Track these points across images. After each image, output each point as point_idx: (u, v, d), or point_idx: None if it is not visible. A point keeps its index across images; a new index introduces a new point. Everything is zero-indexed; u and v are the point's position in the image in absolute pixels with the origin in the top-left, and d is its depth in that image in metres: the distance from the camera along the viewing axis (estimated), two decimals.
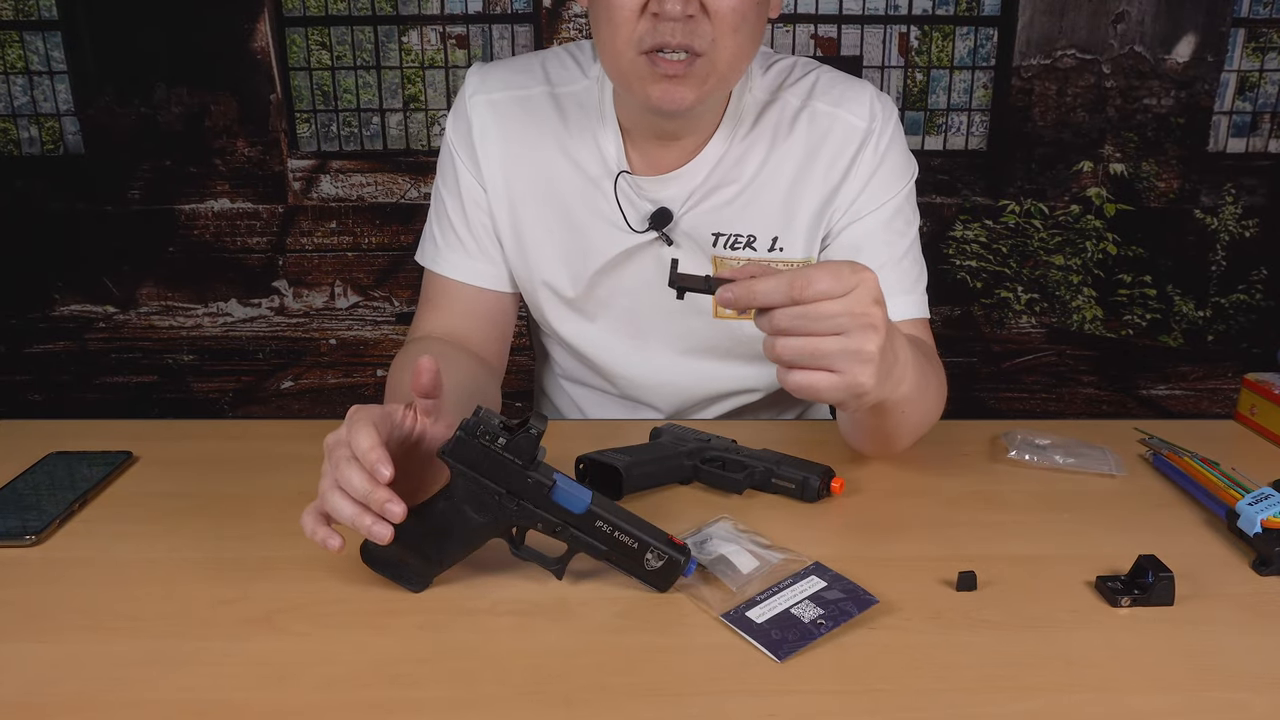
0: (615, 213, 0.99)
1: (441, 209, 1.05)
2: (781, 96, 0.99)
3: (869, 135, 0.98)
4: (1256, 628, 0.69)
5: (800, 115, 0.99)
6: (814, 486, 0.86)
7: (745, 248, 1.00)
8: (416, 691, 0.61)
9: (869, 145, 0.98)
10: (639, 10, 0.83)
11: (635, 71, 0.86)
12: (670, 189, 0.98)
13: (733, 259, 1.01)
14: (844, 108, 0.98)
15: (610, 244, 1.01)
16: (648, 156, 0.98)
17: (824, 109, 0.98)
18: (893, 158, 1.00)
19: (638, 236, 1.00)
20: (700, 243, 1.00)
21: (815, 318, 0.65)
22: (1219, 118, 2.18)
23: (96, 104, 2.13)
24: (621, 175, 0.98)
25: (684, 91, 0.86)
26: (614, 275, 1.03)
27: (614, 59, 0.87)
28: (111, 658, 0.65)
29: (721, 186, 0.99)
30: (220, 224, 2.23)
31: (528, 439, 0.68)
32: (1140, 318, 2.30)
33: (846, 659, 0.65)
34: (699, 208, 0.99)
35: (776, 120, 0.99)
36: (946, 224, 2.20)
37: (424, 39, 2.12)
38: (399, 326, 2.31)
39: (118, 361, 2.32)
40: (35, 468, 0.91)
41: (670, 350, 1.08)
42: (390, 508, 0.65)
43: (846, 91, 0.99)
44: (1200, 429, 1.05)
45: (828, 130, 0.98)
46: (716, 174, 0.98)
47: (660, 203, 0.99)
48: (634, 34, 0.84)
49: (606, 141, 0.99)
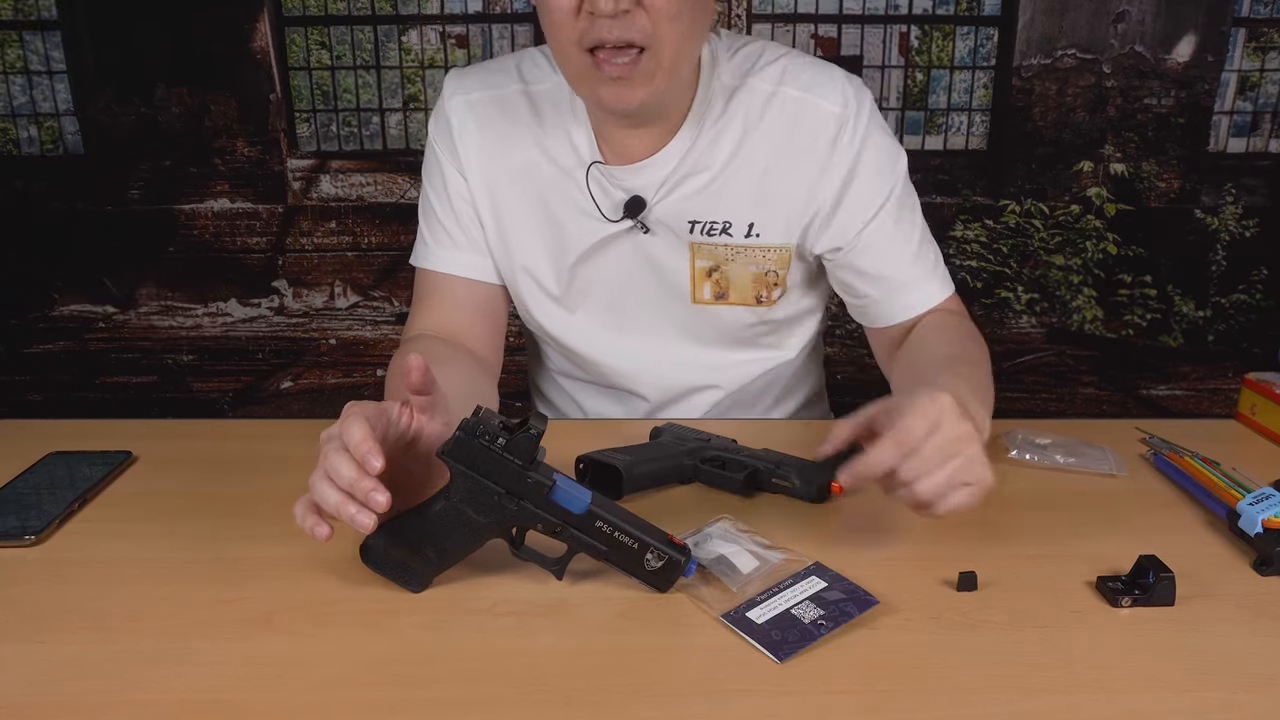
0: (589, 202, 1.00)
1: (429, 208, 1.07)
2: (750, 82, 0.99)
3: (844, 121, 0.98)
4: (1257, 628, 0.69)
5: (771, 101, 0.98)
6: (814, 486, 0.85)
7: (721, 234, 1.01)
8: (416, 691, 0.61)
9: (845, 131, 0.98)
10: (575, 10, 0.84)
11: (583, 73, 0.88)
12: (642, 177, 0.99)
13: (710, 245, 1.02)
14: (815, 93, 0.98)
15: (586, 234, 1.02)
16: (618, 146, 1.00)
17: (794, 94, 0.98)
18: (876, 145, 1.00)
19: (613, 225, 1.01)
20: (676, 230, 1.02)
21: (929, 458, 0.71)
22: (1219, 118, 2.18)
23: (96, 104, 2.13)
24: (594, 165, 1.00)
25: (632, 91, 0.87)
26: (592, 265, 1.05)
27: (563, 62, 0.89)
28: (111, 658, 0.64)
29: (694, 174, 0.99)
30: (220, 224, 2.23)
31: (527, 439, 0.68)
32: (1140, 318, 2.30)
33: (847, 659, 0.65)
34: (672, 195, 1.00)
35: (746, 106, 0.99)
36: (946, 224, 2.20)
37: (424, 39, 2.12)
38: (399, 326, 2.31)
39: (117, 361, 2.32)
40: (35, 468, 0.91)
41: (652, 338, 1.09)
42: (375, 496, 0.65)
43: (816, 76, 0.99)
44: (1201, 429, 1.05)
45: (800, 117, 0.98)
46: (688, 161, 0.99)
47: (633, 191, 1.00)
48: (574, 33, 0.85)
49: (578, 134, 1.00)
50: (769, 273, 1.04)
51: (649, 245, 1.03)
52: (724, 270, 1.04)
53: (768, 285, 1.05)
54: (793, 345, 1.14)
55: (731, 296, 1.05)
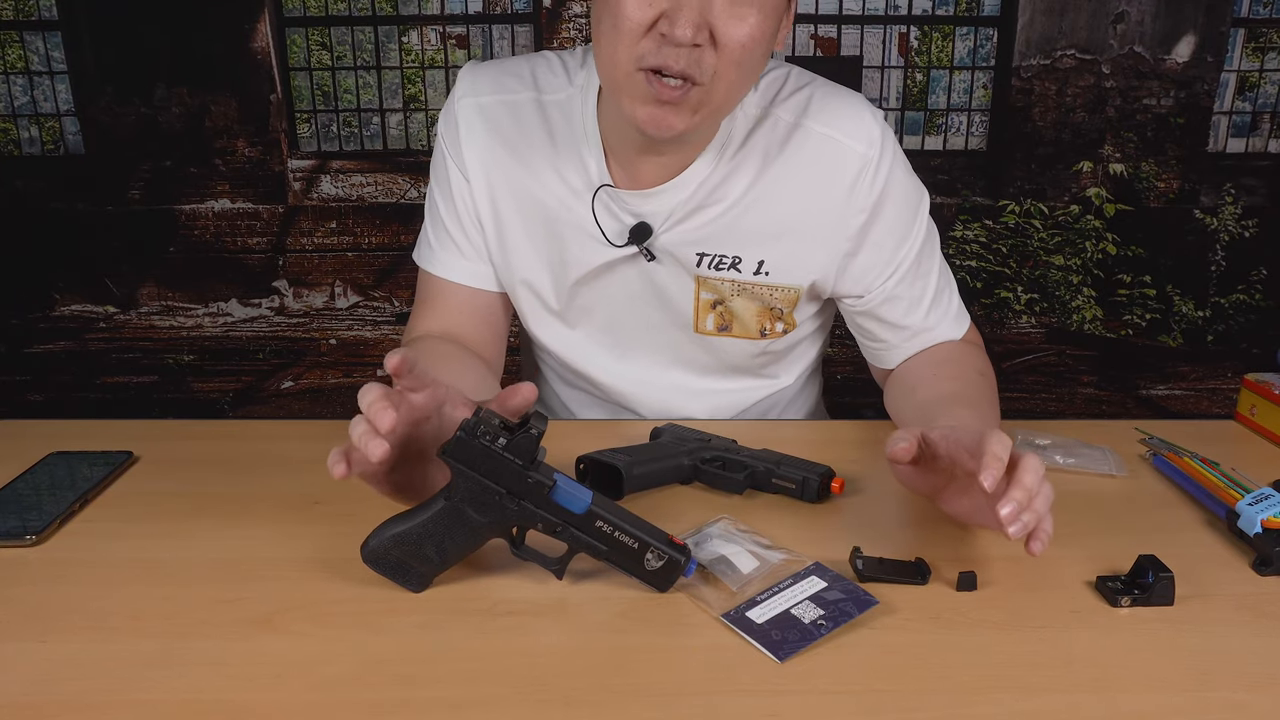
0: (593, 226, 0.98)
1: (435, 210, 1.05)
2: (773, 113, 0.95)
3: (867, 162, 0.94)
4: (1256, 628, 0.69)
5: (793, 135, 0.95)
6: (814, 486, 0.86)
7: (730, 268, 0.98)
8: (416, 691, 0.62)
9: (867, 172, 0.94)
10: (647, 26, 0.80)
11: (630, 87, 0.84)
12: (652, 204, 0.96)
13: (716, 279, 0.99)
14: (838, 129, 0.94)
15: (590, 256, 1.00)
16: (630, 170, 0.96)
17: (818, 130, 0.94)
18: (899, 186, 0.97)
19: (617, 250, 0.98)
20: (683, 262, 0.98)
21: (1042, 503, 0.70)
22: (1219, 118, 2.18)
23: (96, 104, 2.13)
24: (602, 188, 0.96)
25: (674, 119, 0.84)
26: (594, 286, 1.02)
27: (610, 68, 0.84)
28: (111, 658, 0.65)
29: (706, 206, 0.96)
30: (220, 224, 2.23)
31: (528, 439, 0.68)
32: (1140, 318, 2.30)
33: (846, 659, 0.65)
34: (681, 225, 0.97)
35: (767, 140, 0.95)
36: (946, 224, 2.20)
37: (424, 39, 2.12)
38: (399, 326, 2.31)
39: (118, 361, 2.32)
40: (36, 468, 0.91)
41: (652, 362, 1.08)
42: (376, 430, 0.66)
43: (841, 110, 0.95)
44: (1200, 429, 1.05)
45: (821, 155, 0.94)
46: (701, 193, 0.95)
47: (641, 217, 0.97)
48: (636, 49, 0.81)
49: (589, 154, 0.97)
50: (774, 308, 1.02)
51: (653, 273, 1.00)
52: (728, 305, 1.01)
53: (772, 319, 1.03)
54: (793, 373, 1.12)
55: (735, 329, 1.03)
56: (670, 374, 1.08)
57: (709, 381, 1.09)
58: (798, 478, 0.86)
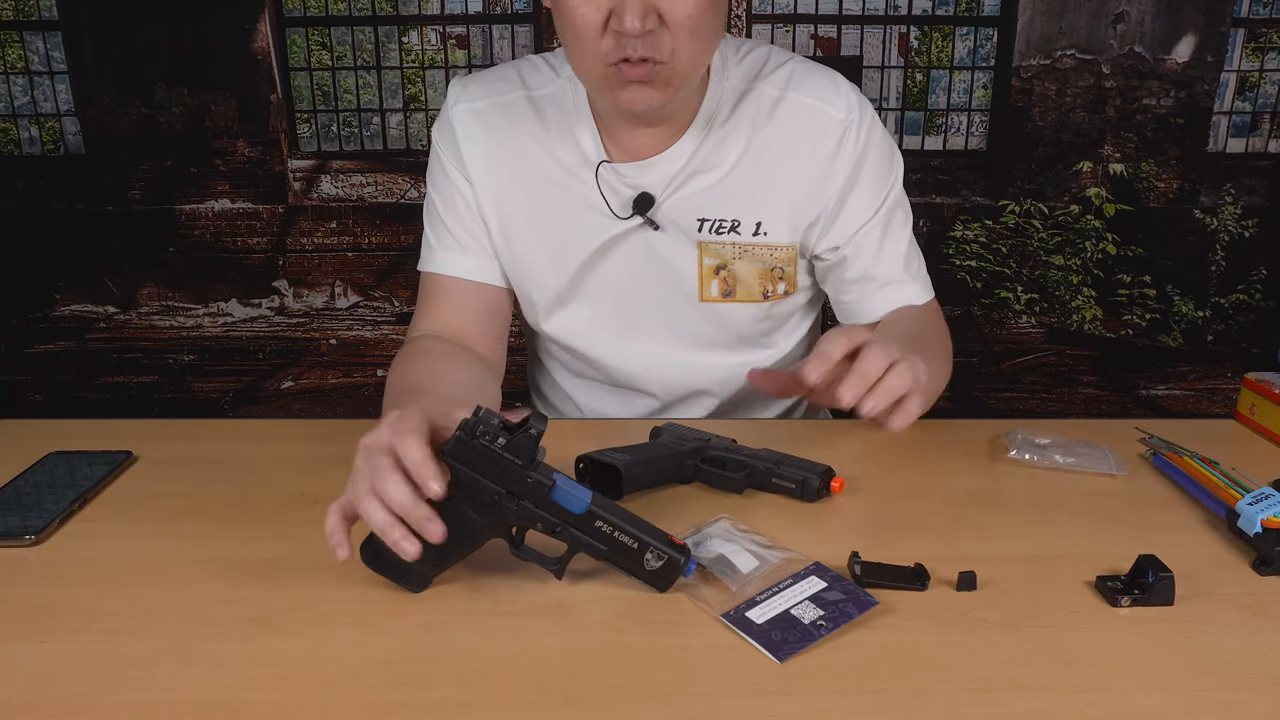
0: (599, 200, 1.02)
1: (434, 212, 1.08)
2: (758, 86, 1.02)
3: (848, 127, 1.02)
4: (1256, 628, 0.69)
5: (779, 105, 1.02)
6: (814, 486, 0.86)
7: (730, 231, 1.04)
8: (416, 691, 0.61)
9: (849, 136, 1.02)
10: (600, 29, 0.87)
11: (604, 82, 0.91)
12: (651, 175, 1.01)
13: (717, 243, 1.04)
14: (822, 99, 1.02)
15: (595, 232, 1.03)
16: (625, 145, 1.01)
17: (802, 100, 1.02)
18: (877, 151, 1.04)
19: (622, 223, 1.02)
20: (685, 228, 1.03)
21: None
22: (1218, 118, 2.18)
23: (97, 104, 2.13)
24: (602, 164, 1.01)
25: (650, 93, 0.90)
26: (601, 265, 1.06)
27: (584, 71, 0.92)
28: (111, 658, 0.65)
29: (702, 172, 1.01)
30: (220, 224, 2.23)
31: (527, 439, 0.68)
32: (1140, 318, 2.30)
33: (846, 659, 0.65)
34: (680, 192, 1.02)
35: (755, 109, 1.02)
36: (946, 224, 2.20)
37: (424, 39, 2.12)
38: (399, 326, 2.31)
39: (118, 361, 2.32)
40: (35, 467, 0.91)
41: (659, 339, 1.11)
42: (429, 526, 0.65)
43: (821, 82, 1.03)
44: (1200, 429, 1.05)
45: (807, 121, 1.02)
46: (696, 160, 1.01)
47: (642, 188, 1.02)
48: (599, 49, 0.88)
49: (583, 135, 1.02)
50: (775, 269, 1.06)
51: (657, 243, 1.04)
52: (731, 268, 1.05)
53: (774, 280, 1.07)
54: (793, 339, 1.15)
55: (739, 294, 1.07)
56: (676, 350, 1.11)
57: (714, 355, 1.12)
58: (798, 477, 0.86)
